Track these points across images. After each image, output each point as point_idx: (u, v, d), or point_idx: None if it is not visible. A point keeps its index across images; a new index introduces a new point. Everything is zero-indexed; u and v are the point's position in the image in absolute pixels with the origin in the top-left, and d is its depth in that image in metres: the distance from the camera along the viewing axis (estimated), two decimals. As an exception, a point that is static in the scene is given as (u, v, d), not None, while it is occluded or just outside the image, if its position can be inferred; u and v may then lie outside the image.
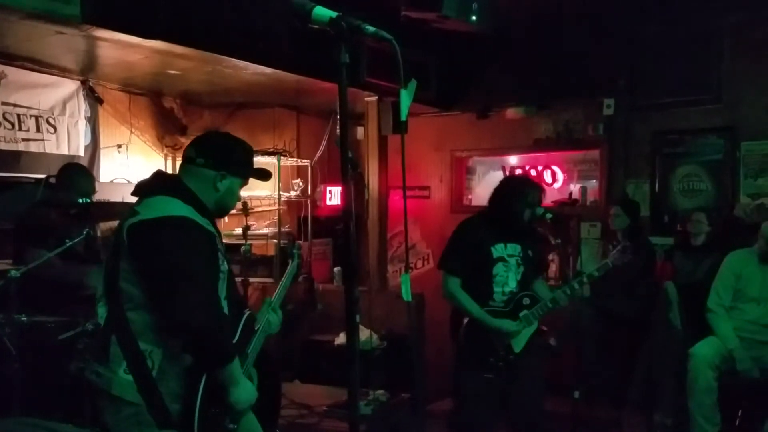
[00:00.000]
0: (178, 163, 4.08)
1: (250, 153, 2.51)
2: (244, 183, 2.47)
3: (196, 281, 2.11)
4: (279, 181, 6.02)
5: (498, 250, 3.45)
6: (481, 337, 3.42)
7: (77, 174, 4.06)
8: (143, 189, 2.33)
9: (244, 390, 2.24)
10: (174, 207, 2.20)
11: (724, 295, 4.13)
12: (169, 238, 2.14)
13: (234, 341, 2.32)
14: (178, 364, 2.12)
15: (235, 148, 2.46)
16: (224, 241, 6.43)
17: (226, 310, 2.31)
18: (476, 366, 3.46)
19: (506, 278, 3.45)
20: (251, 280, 5.63)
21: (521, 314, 3.44)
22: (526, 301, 3.44)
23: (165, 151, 6.17)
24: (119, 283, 2.17)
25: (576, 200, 6.29)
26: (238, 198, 2.50)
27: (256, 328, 2.52)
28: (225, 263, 2.34)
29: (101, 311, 2.23)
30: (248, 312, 2.48)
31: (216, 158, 2.35)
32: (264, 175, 2.57)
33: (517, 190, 3.49)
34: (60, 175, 4.04)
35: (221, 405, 2.22)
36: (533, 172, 6.62)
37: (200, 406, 2.11)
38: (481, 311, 3.42)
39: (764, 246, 4.07)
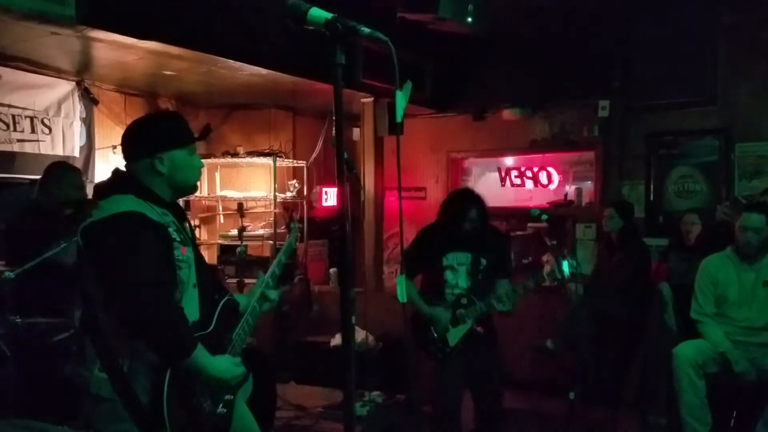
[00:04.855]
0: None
1: (173, 119, 2.40)
2: (191, 149, 2.33)
3: (144, 279, 2.09)
4: (275, 183, 6.02)
5: (448, 259, 3.79)
6: (422, 331, 3.80)
7: (62, 172, 4.02)
8: (101, 190, 2.30)
9: (217, 369, 2.21)
10: (122, 204, 2.17)
11: (704, 303, 4.09)
12: (114, 237, 2.12)
13: (211, 328, 2.31)
14: (144, 359, 2.12)
15: (151, 124, 2.37)
16: (220, 242, 6.42)
17: (196, 298, 2.29)
18: (423, 355, 3.85)
19: (455, 283, 3.79)
20: (246, 281, 5.62)
21: (457, 311, 3.75)
22: (464, 301, 3.75)
23: (160, 152, 6.16)
24: (86, 285, 2.20)
25: (571, 201, 6.31)
26: (198, 166, 2.36)
27: (241, 312, 2.49)
28: (189, 251, 2.28)
29: (78, 314, 2.25)
30: (227, 297, 2.44)
31: (140, 146, 2.28)
32: (204, 132, 2.49)
33: (455, 208, 3.78)
34: (46, 175, 3.99)
35: (203, 393, 2.22)
36: (529, 173, 6.65)
37: (170, 398, 2.10)
38: (421, 301, 3.79)
39: (753, 239, 3.96)
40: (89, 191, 4.16)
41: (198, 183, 2.44)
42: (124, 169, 2.35)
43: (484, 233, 3.81)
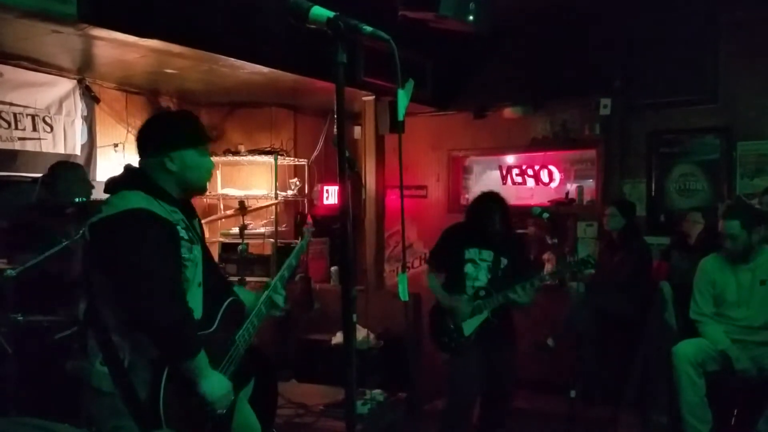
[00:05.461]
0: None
1: (189, 120, 2.41)
2: (203, 149, 2.34)
3: (153, 277, 2.10)
4: (276, 181, 6.02)
5: (471, 253, 4.00)
6: (439, 321, 4.01)
7: (69, 172, 4.04)
8: (112, 186, 2.31)
9: (213, 383, 2.21)
10: (132, 200, 2.18)
11: (703, 304, 4.10)
12: (123, 234, 2.13)
13: (213, 328, 2.31)
14: (145, 355, 2.13)
15: (166, 123, 2.38)
16: (221, 240, 6.42)
17: (200, 297, 2.29)
18: (436, 346, 4.05)
19: (476, 276, 3.98)
20: (248, 279, 5.63)
21: (475, 303, 3.93)
22: (482, 293, 3.94)
23: (161, 150, 6.15)
24: (91, 278, 2.21)
25: (572, 200, 6.30)
26: (208, 167, 2.38)
27: (246, 312, 2.49)
28: (197, 249, 2.29)
29: (82, 306, 2.27)
30: (231, 298, 2.44)
31: (152, 143, 2.30)
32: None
33: (481, 209, 4.04)
34: (52, 173, 4.00)
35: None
36: (530, 172, 6.65)
37: (168, 395, 2.11)
38: (442, 290, 4.02)
39: (730, 245, 4.02)
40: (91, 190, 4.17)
41: (207, 184, 2.44)
42: (135, 165, 2.36)
43: (507, 235, 4.06)
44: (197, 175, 2.34)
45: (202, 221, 6.96)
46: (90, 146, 5.48)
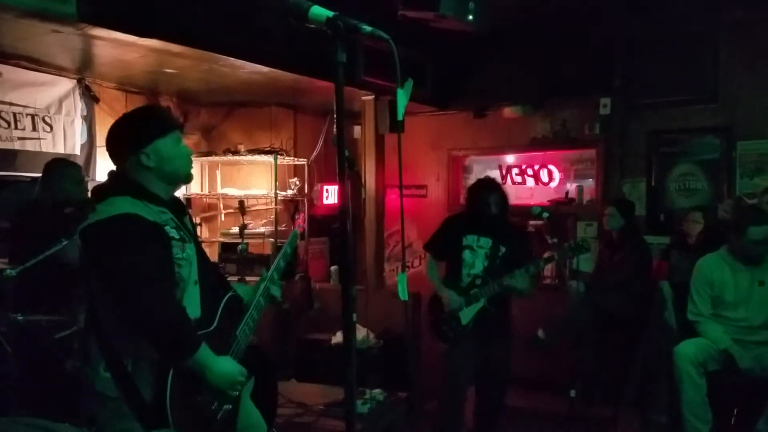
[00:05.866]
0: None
1: (147, 111, 2.41)
2: (175, 136, 2.29)
3: (145, 280, 2.09)
4: (276, 180, 6.02)
5: (468, 240, 4.00)
6: (437, 311, 4.02)
7: (63, 168, 4.04)
8: (98, 192, 2.30)
9: (221, 370, 2.20)
10: (118, 206, 2.17)
11: (701, 304, 4.09)
12: (110, 240, 2.13)
13: (214, 325, 2.30)
14: (148, 358, 2.13)
15: (128, 122, 2.34)
16: (221, 240, 6.41)
17: (197, 295, 2.29)
18: (434, 335, 4.08)
19: (473, 263, 3.97)
20: (248, 278, 5.63)
21: (471, 291, 3.92)
22: (478, 281, 3.94)
23: (161, 150, 6.14)
24: (90, 285, 2.21)
25: (572, 199, 6.30)
26: (185, 154, 2.33)
27: (245, 306, 2.49)
28: (189, 248, 2.28)
29: (81, 315, 2.27)
30: (229, 294, 2.44)
31: (121, 146, 2.28)
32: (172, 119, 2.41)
33: (477, 192, 4.05)
34: (47, 171, 4.00)
35: (208, 391, 2.22)
36: (530, 171, 6.65)
37: (174, 395, 2.11)
38: (438, 281, 4.05)
39: (754, 252, 4.00)
40: (89, 189, 4.17)
41: (191, 172, 2.39)
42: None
43: (506, 224, 4.06)
44: (176, 165, 2.30)
45: (202, 222, 6.87)
46: (90, 146, 5.48)
